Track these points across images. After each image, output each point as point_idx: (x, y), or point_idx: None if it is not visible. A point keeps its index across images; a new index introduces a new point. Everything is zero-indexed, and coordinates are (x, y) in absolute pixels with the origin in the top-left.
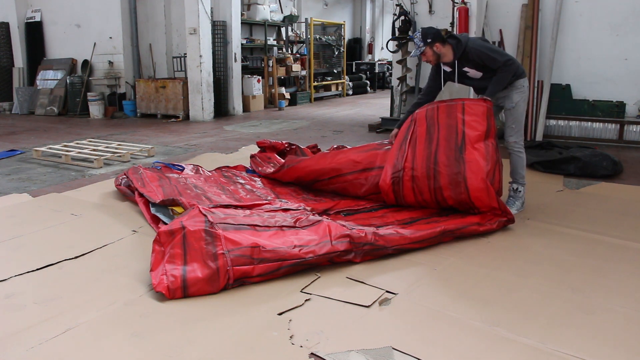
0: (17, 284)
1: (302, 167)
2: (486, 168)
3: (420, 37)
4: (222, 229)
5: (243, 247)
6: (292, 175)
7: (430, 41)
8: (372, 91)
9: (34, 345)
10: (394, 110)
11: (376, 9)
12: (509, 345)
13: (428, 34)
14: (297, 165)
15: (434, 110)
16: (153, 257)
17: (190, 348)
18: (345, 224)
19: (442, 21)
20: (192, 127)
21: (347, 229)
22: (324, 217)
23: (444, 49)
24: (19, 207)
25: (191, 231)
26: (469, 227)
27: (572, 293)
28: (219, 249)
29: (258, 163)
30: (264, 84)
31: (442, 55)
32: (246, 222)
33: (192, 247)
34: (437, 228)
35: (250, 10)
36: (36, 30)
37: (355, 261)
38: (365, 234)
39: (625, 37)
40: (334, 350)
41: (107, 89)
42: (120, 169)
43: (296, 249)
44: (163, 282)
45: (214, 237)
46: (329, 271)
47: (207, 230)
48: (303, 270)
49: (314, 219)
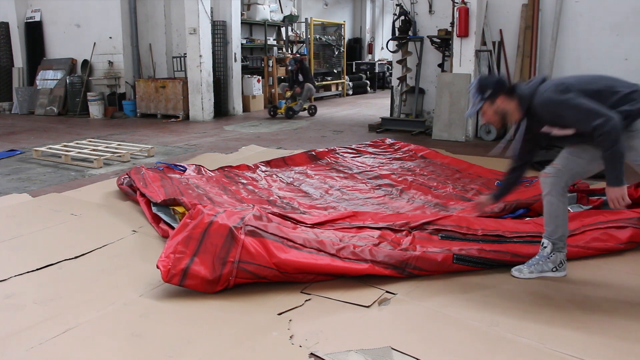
0: (17, 284)
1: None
2: None
3: (475, 89)
4: (250, 234)
5: (256, 265)
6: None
7: (490, 95)
8: (372, 91)
9: (34, 345)
10: (394, 110)
11: (376, 9)
12: (508, 345)
13: (487, 84)
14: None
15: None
16: (177, 227)
17: (190, 348)
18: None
19: (442, 21)
20: (192, 127)
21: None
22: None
23: (511, 104)
24: (19, 207)
25: (218, 224)
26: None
27: (572, 293)
28: (230, 256)
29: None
30: (264, 83)
31: (509, 113)
32: (281, 234)
33: (209, 241)
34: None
35: (250, 10)
36: (36, 30)
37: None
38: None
39: (625, 37)
40: (334, 350)
41: (107, 89)
42: (120, 169)
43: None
44: (167, 263)
45: (233, 240)
46: None
47: (232, 230)
48: None
49: (367, 249)
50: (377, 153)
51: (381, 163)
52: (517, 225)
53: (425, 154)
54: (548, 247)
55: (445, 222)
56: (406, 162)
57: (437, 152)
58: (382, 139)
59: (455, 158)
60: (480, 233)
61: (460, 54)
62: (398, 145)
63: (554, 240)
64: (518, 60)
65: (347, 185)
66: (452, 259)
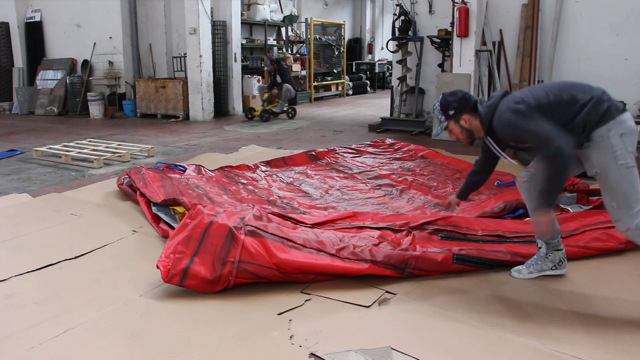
0: (17, 284)
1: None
2: None
3: (439, 108)
4: (250, 234)
5: (256, 265)
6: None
7: (454, 114)
8: (372, 91)
9: (34, 345)
10: (394, 110)
11: (376, 9)
12: (508, 345)
13: (449, 102)
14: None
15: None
16: (177, 227)
17: (190, 348)
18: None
19: (442, 21)
20: (192, 127)
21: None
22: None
23: (475, 121)
24: (19, 207)
25: (218, 224)
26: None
27: (572, 293)
28: (230, 256)
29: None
30: (264, 84)
31: (475, 130)
32: (281, 234)
33: (209, 241)
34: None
35: (250, 10)
36: (36, 30)
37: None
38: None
39: (625, 37)
40: (334, 350)
41: (107, 89)
42: (120, 169)
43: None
44: (167, 263)
45: (233, 240)
46: None
47: (232, 231)
48: None
49: (366, 250)
50: (377, 153)
51: (381, 163)
52: (517, 225)
53: (425, 154)
54: (543, 248)
55: (445, 223)
56: (406, 162)
57: (437, 152)
58: (382, 139)
59: (455, 158)
60: (480, 233)
61: (460, 54)
62: (398, 145)
63: (547, 240)
64: (518, 60)
65: (347, 185)
66: (452, 259)
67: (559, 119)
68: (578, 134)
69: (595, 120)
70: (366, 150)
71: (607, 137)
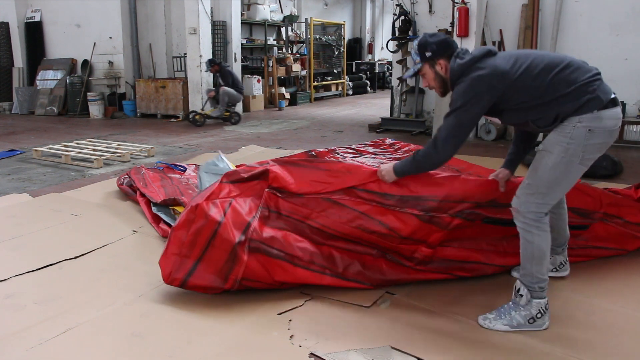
0: (17, 284)
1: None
2: None
3: (416, 48)
4: (254, 251)
5: (258, 282)
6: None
7: (430, 56)
8: (372, 91)
9: (34, 345)
10: (394, 110)
11: (376, 9)
12: (508, 346)
13: (428, 43)
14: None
15: None
16: (180, 220)
17: (190, 348)
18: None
19: (442, 21)
20: (192, 127)
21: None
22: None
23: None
24: (19, 207)
25: (222, 238)
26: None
27: (572, 293)
28: (232, 273)
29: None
30: (264, 84)
31: (447, 81)
32: (288, 249)
33: (213, 252)
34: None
35: (250, 10)
36: (36, 30)
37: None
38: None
39: (625, 37)
40: (334, 350)
41: (107, 89)
42: (120, 169)
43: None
44: (168, 265)
45: (236, 259)
46: None
47: (235, 249)
48: None
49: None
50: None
51: (381, 163)
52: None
53: None
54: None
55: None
56: None
57: None
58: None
59: (456, 158)
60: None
61: None
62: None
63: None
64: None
65: None
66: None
67: (532, 97)
68: (549, 118)
69: (569, 113)
70: (366, 150)
71: (572, 126)
